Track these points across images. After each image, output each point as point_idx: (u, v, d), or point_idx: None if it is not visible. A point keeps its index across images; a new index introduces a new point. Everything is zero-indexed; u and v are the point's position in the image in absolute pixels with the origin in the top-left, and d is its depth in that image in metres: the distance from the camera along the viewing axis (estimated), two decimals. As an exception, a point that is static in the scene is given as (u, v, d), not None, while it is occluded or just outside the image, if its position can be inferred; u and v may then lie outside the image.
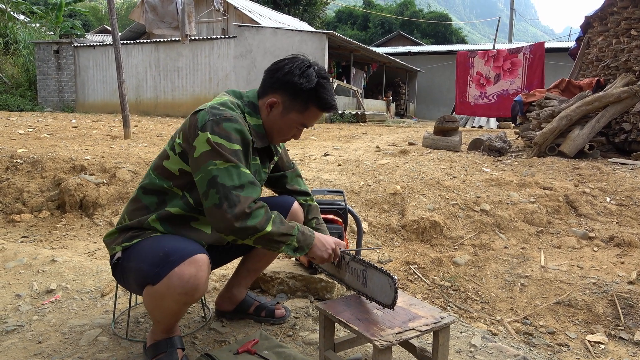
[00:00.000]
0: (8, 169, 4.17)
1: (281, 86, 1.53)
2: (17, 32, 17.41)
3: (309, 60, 1.57)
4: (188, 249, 1.38)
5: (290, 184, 1.90)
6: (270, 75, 1.57)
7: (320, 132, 9.74)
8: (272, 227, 1.40)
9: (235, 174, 1.39)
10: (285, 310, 1.96)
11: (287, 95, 1.53)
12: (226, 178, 1.38)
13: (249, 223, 1.36)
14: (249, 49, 14.09)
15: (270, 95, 1.56)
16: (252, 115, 1.57)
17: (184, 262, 1.34)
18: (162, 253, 1.37)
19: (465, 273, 2.87)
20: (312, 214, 1.88)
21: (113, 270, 1.58)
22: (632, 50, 5.84)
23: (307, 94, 1.52)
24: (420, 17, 38.97)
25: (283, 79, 1.52)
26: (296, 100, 1.53)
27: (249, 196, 1.38)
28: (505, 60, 11.18)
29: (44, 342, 1.75)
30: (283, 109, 1.55)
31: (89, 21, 29.56)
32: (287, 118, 1.56)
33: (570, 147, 5.30)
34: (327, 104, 1.56)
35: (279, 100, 1.54)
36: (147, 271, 1.37)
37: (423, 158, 5.34)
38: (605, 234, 3.29)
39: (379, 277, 1.47)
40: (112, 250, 1.57)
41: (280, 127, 1.59)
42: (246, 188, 1.39)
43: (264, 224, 1.38)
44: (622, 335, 2.24)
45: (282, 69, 1.54)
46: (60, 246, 3.15)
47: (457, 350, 1.81)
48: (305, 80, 1.51)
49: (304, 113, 1.56)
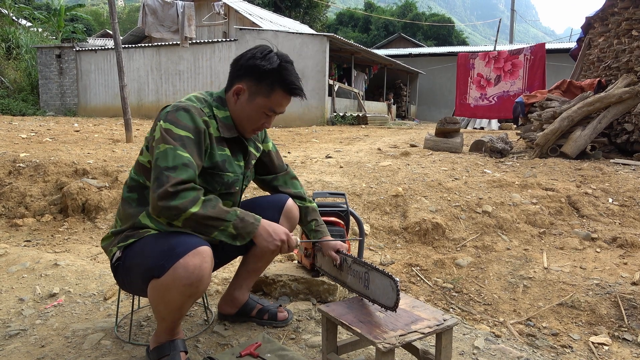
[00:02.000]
0: (11, 173, 4.18)
1: (245, 72, 1.55)
2: (19, 36, 17.50)
3: (271, 47, 1.59)
4: (192, 241, 1.40)
5: (284, 187, 1.90)
6: (233, 65, 1.59)
7: (322, 134, 9.74)
8: (198, 208, 1.37)
9: (171, 155, 1.40)
10: (287, 313, 1.96)
11: (252, 80, 1.55)
12: (162, 159, 1.40)
13: (172, 203, 1.35)
14: (250, 52, 14.10)
15: (236, 84, 1.58)
16: (220, 108, 1.60)
17: (188, 254, 1.35)
18: (167, 246, 1.39)
19: (468, 275, 2.86)
20: (310, 216, 1.87)
21: (115, 273, 1.58)
22: (634, 51, 5.83)
23: (271, 76, 1.53)
24: (423, 19, 39.02)
25: (246, 64, 1.55)
26: (261, 84, 1.54)
27: (178, 177, 1.37)
28: (506, 61, 11.17)
29: (47, 346, 1.76)
30: (249, 95, 1.57)
31: (91, 25, 29.68)
32: (254, 104, 1.57)
33: (572, 148, 5.30)
34: (291, 84, 1.55)
35: (244, 87, 1.56)
36: (152, 264, 1.39)
37: (425, 160, 5.34)
38: (608, 234, 3.28)
39: (381, 280, 1.47)
40: (110, 253, 1.58)
41: (249, 114, 1.59)
42: (179, 169, 1.39)
43: (188, 205, 1.36)
44: (626, 337, 2.23)
45: (245, 56, 1.56)
46: (62, 250, 3.15)
47: (460, 352, 1.81)
48: (268, 62, 1.52)
49: (270, 97, 1.56)
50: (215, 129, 1.57)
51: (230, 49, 14.48)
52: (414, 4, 42.71)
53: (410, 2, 42.25)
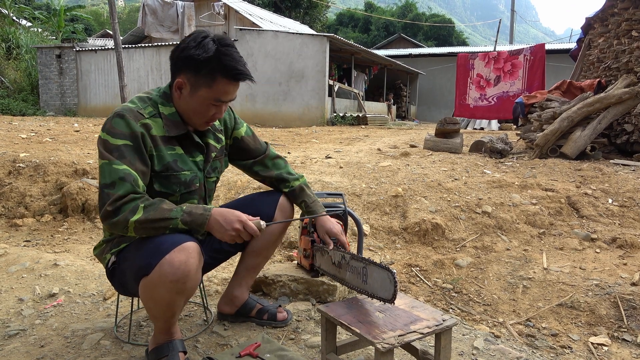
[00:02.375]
0: (10, 173, 4.18)
1: (182, 65, 1.48)
2: (19, 37, 17.51)
3: (207, 32, 1.50)
4: (177, 238, 1.39)
5: (265, 171, 1.85)
6: (171, 57, 1.52)
7: (322, 134, 9.74)
8: (139, 215, 1.37)
9: (107, 171, 1.40)
10: (287, 314, 1.96)
11: (190, 72, 1.48)
12: (101, 176, 1.41)
13: (114, 220, 1.37)
14: (250, 52, 14.11)
15: (177, 77, 1.52)
16: (165, 104, 1.56)
17: (174, 250, 1.35)
18: (153, 245, 1.38)
19: (467, 275, 2.86)
20: (298, 198, 1.83)
21: (111, 278, 1.59)
22: (633, 52, 5.83)
23: (209, 65, 1.45)
24: (423, 20, 39.07)
25: (181, 56, 1.48)
26: (200, 74, 1.47)
27: (116, 193, 1.37)
28: (505, 62, 11.17)
29: (47, 346, 1.76)
30: (191, 88, 1.50)
31: (91, 25, 29.69)
32: (197, 96, 1.50)
33: (571, 148, 5.30)
34: (233, 70, 1.46)
35: (184, 80, 1.50)
36: (140, 263, 1.39)
37: (424, 160, 5.34)
38: (608, 235, 3.28)
39: (379, 273, 1.48)
40: (104, 260, 1.59)
41: (195, 108, 1.53)
42: (116, 185, 1.38)
43: (128, 216, 1.37)
44: (625, 337, 2.23)
45: (179, 47, 1.49)
46: (62, 250, 3.15)
47: (459, 352, 1.81)
48: (202, 51, 1.44)
49: (212, 86, 1.48)
50: (161, 128, 1.52)
51: (230, 49, 14.46)
52: (414, 4, 42.76)
53: (410, 3, 42.30)
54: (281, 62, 13.75)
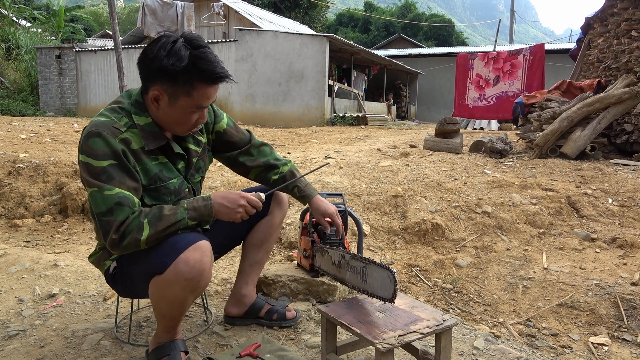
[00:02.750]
0: (10, 174, 4.18)
1: (155, 76, 1.39)
2: (19, 37, 17.51)
3: (173, 35, 1.39)
4: (191, 237, 1.39)
5: (251, 161, 1.77)
6: (141, 66, 1.42)
7: (322, 135, 9.74)
8: (147, 231, 1.35)
9: (100, 199, 1.34)
10: (295, 312, 1.96)
11: (166, 82, 1.38)
12: (94, 206, 1.36)
13: (123, 244, 1.34)
14: (250, 53, 14.12)
15: (151, 88, 1.42)
16: (140, 114, 1.45)
17: (189, 249, 1.35)
18: (167, 244, 1.37)
19: (468, 275, 2.86)
20: (290, 185, 1.75)
21: (112, 283, 1.58)
22: (633, 52, 5.83)
23: (186, 74, 1.36)
24: (423, 20, 39.09)
25: (153, 67, 1.37)
26: (177, 85, 1.38)
27: (116, 220, 1.34)
28: (505, 62, 11.18)
29: (47, 347, 1.76)
30: (169, 99, 1.40)
31: (91, 26, 29.70)
32: (177, 106, 1.42)
33: (571, 148, 5.30)
34: (212, 74, 1.39)
35: (160, 92, 1.40)
36: (154, 263, 1.38)
37: (424, 160, 5.34)
38: (608, 235, 3.28)
39: (379, 272, 1.49)
40: (103, 267, 1.57)
41: (176, 118, 1.44)
42: (114, 212, 1.34)
43: (137, 236, 1.34)
44: (626, 337, 2.23)
45: (148, 57, 1.38)
46: (62, 250, 3.15)
47: (459, 352, 1.81)
48: (175, 59, 1.34)
49: (192, 94, 1.39)
50: (140, 139, 1.44)
51: (230, 50, 14.48)
52: (413, 4, 42.79)
53: (410, 3, 42.33)
54: (281, 63, 13.76)
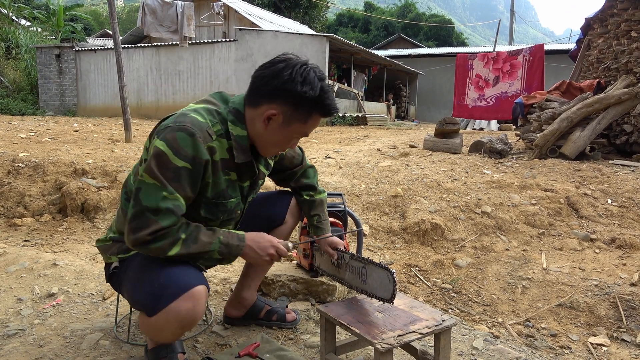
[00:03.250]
0: (10, 173, 4.18)
1: (280, 95, 1.36)
2: (18, 36, 17.50)
3: (305, 61, 1.40)
4: (185, 280, 1.29)
5: (296, 179, 1.80)
6: (264, 82, 1.38)
7: (321, 135, 9.74)
8: (178, 249, 1.31)
9: (155, 194, 1.28)
10: (295, 314, 1.96)
11: (288, 105, 1.37)
12: (145, 195, 1.28)
13: (151, 247, 1.29)
14: (250, 53, 14.12)
15: (266, 105, 1.38)
16: (236, 124, 1.42)
17: (181, 297, 1.26)
18: (158, 284, 1.29)
19: (467, 275, 2.86)
20: (314, 210, 1.80)
21: (109, 279, 1.55)
22: (633, 52, 5.84)
23: (312, 103, 1.37)
24: (423, 20, 39.11)
25: (283, 88, 1.35)
26: (299, 111, 1.38)
27: (159, 224, 1.27)
28: (504, 62, 11.18)
29: (46, 346, 1.75)
30: (283, 121, 1.39)
31: (90, 25, 29.67)
32: (288, 130, 1.41)
33: (571, 148, 5.30)
34: (331, 109, 1.43)
35: (278, 112, 1.37)
36: (142, 301, 1.32)
37: (424, 160, 5.34)
38: (607, 235, 3.28)
39: (378, 272, 1.49)
40: (107, 258, 1.53)
41: (279, 140, 1.44)
42: (161, 214, 1.28)
43: (167, 248, 1.29)
44: (625, 338, 2.23)
45: (280, 76, 1.35)
46: (61, 250, 3.15)
47: (458, 352, 1.81)
48: (309, 88, 1.35)
49: (307, 122, 1.42)
50: (225, 151, 1.41)
51: (230, 49, 14.48)
52: (413, 4, 42.81)
53: (410, 3, 42.34)
54: (281, 62, 13.75)
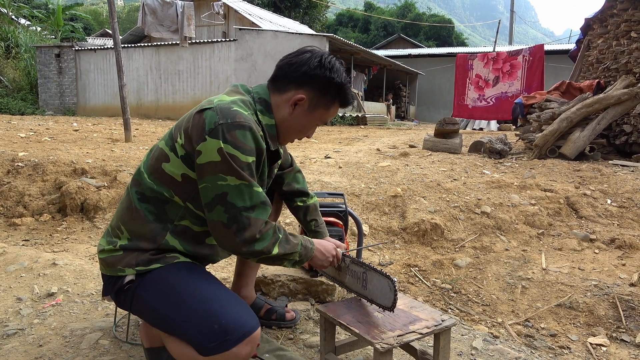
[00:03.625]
0: (9, 173, 4.17)
1: (309, 81, 1.41)
2: (18, 35, 17.50)
3: (329, 53, 1.48)
4: (246, 322, 1.25)
5: (288, 183, 1.79)
6: (292, 68, 1.42)
7: (321, 134, 9.74)
8: (278, 249, 1.34)
9: (247, 193, 1.28)
10: (294, 313, 1.96)
11: (316, 90, 1.42)
12: (237, 198, 1.27)
13: (256, 247, 1.30)
14: (250, 52, 14.12)
15: (294, 91, 1.42)
16: (265, 113, 1.43)
17: (242, 343, 1.22)
18: (218, 326, 1.22)
19: (466, 275, 2.86)
20: (310, 216, 1.80)
21: (114, 291, 1.35)
22: (632, 52, 5.84)
23: (337, 89, 1.43)
24: (423, 20, 39.11)
25: (313, 74, 1.40)
26: (325, 96, 1.43)
27: (259, 218, 1.30)
28: (504, 62, 11.19)
29: (45, 346, 1.75)
30: (309, 106, 1.43)
31: (90, 25, 29.67)
32: (312, 115, 1.45)
33: (570, 149, 5.30)
34: (350, 99, 1.49)
35: (306, 97, 1.41)
36: (193, 338, 1.23)
37: (424, 160, 5.34)
38: (607, 236, 3.29)
39: (379, 280, 1.47)
40: (117, 271, 1.33)
41: (303, 125, 1.47)
42: (257, 209, 1.29)
43: (270, 248, 1.32)
44: (624, 338, 2.23)
45: (309, 63, 1.40)
46: (61, 249, 3.15)
47: (458, 352, 1.81)
48: (337, 75, 1.42)
49: (329, 109, 1.47)
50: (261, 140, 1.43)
51: (229, 49, 14.48)
52: (413, 4, 42.81)
53: (410, 3, 42.35)
54: (281, 62, 13.76)
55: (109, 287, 1.37)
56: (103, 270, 1.39)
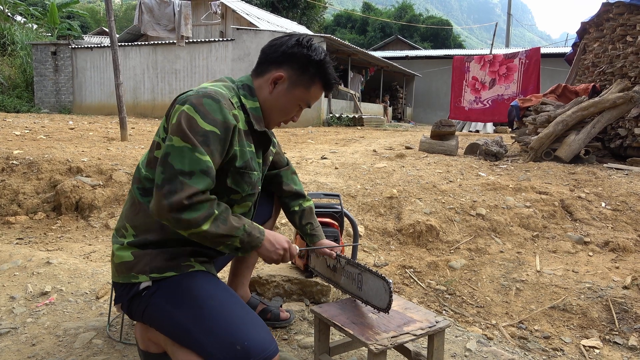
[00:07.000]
0: (4, 170, 4.15)
1: (287, 59, 1.43)
2: (14, 33, 17.41)
3: (309, 36, 1.50)
4: (268, 348, 1.22)
5: (286, 183, 1.79)
6: (272, 50, 1.46)
7: (318, 135, 9.74)
8: (209, 226, 1.24)
9: (188, 157, 1.22)
10: (289, 313, 1.96)
11: (295, 69, 1.44)
12: (176, 159, 1.22)
13: (183, 216, 1.20)
14: (247, 52, 14.10)
15: (274, 70, 1.44)
16: (248, 97, 1.45)
17: None
18: (241, 347, 1.19)
19: (461, 277, 2.87)
20: (306, 219, 1.78)
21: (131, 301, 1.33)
22: (628, 57, 5.88)
23: (316, 68, 1.44)
24: (420, 21, 39.19)
25: (290, 52, 1.43)
26: (304, 75, 1.44)
27: (194, 186, 1.21)
28: (501, 65, 11.23)
29: (38, 345, 1.74)
30: (289, 85, 1.45)
31: (87, 23, 29.56)
32: (292, 94, 1.46)
33: (566, 152, 5.33)
34: (332, 79, 1.49)
35: (285, 75, 1.44)
36: (210, 353, 1.21)
37: (420, 162, 5.35)
38: (601, 238, 3.30)
39: (374, 281, 1.47)
40: (131, 278, 1.31)
41: (284, 105, 1.47)
42: (196, 176, 1.22)
43: (201, 221, 1.22)
44: (617, 340, 2.25)
45: (287, 43, 1.44)
46: (55, 248, 3.13)
47: (452, 354, 1.81)
48: (315, 53, 1.44)
49: (310, 89, 1.47)
50: (244, 122, 1.42)
51: (227, 49, 14.45)
52: (411, 6, 42.88)
53: (407, 4, 42.42)
54: (278, 62, 13.75)
55: (122, 294, 1.35)
56: (115, 279, 1.37)
